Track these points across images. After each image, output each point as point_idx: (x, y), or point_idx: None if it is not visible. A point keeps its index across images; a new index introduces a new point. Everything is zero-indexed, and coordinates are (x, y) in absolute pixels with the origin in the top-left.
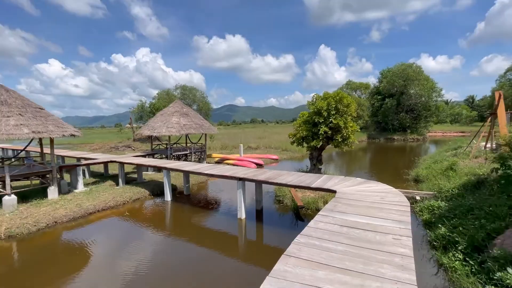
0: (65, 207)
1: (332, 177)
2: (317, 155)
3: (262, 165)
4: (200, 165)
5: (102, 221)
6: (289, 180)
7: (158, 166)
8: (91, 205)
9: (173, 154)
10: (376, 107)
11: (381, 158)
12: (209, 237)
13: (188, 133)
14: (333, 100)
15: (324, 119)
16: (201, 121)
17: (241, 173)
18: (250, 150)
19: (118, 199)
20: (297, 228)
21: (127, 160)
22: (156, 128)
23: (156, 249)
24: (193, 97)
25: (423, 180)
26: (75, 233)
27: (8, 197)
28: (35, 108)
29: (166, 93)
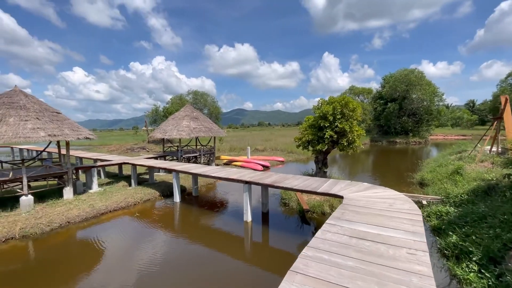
0: (79, 207)
1: (338, 181)
2: (323, 158)
3: (268, 166)
4: (208, 167)
5: (113, 221)
6: (295, 184)
7: (167, 168)
8: (103, 206)
9: (183, 156)
10: (378, 112)
11: (384, 161)
12: (215, 239)
13: (198, 136)
14: (338, 104)
15: (329, 123)
16: (210, 124)
17: (248, 176)
18: (257, 152)
19: (129, 200)
20: (302, 231)
21: (139, 162)
22: (168, 131)
23: (163, 250)
24: (204, 102)
25: (428, 183)
26: (86, 233)
27: (25, 197)
28: (52, 112)
29: (179, 98)
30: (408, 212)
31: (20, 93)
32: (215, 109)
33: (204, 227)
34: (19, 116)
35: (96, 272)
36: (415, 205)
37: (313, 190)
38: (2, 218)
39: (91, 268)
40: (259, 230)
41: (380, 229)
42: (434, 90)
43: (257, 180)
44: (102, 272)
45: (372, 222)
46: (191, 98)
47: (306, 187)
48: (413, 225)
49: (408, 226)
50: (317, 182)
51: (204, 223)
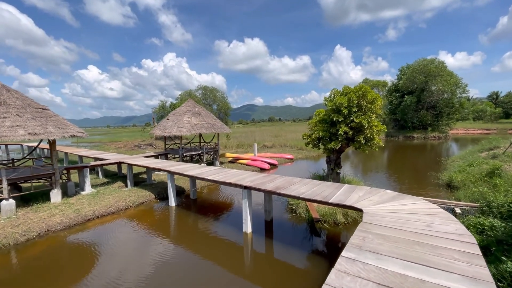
0: (63, 213)
1: (355, 187)
2: (335, 158)
3: (276, 165)
4: (206, 168)
5: (98, 230)
6: (302, 191)
7: (162, 168)
8: (90, 211)
9: (184, 154)
10: (394, 105)
11: (402, 158)
12: (209, 254)
13: (199, 133)
14: (354, 95)
15: (344, 117)
16: (213, 120)
17: (247, 180)
18: (265, 149)
19: (120, 204)
20: (311, 244)
21: (135, 162)
22: (167, 128)
23: (147, 265)
24: (213, 97)
25: (458, 186)
26: (65, 244)
27: (5, 202)
28: (36, 108)
29: (188, 94)
30: (457, 239)
31: (2, 88)
32: (225, 104)
33: (198, 238)
34: None
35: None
36: (462, 225)
37: (324, 199)
38: None
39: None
40: (261, 242)
41: (423, 271)
42: (456, 81)
43: (257, 184)
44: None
45: (408, 256)
46: (200, 94)
47: (316, 195)
48: (470, 263)
49: (463, 266)
50: (329, 189)
51: (199, 233)
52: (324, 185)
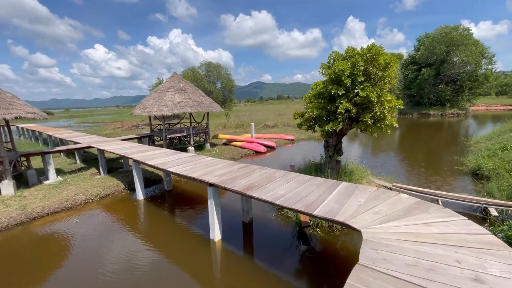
0: (5, 210)
1: (356, 188)
2: (335, 143)
3: (273, 147)
4: (176, 155)
5: (41, 232)
6: (281, 192)
7: (125, 155)
8: (39, 207)
9: (169, 136)
10: (410, 79)
11: (416, 138)
12: (164, 268)
13: (183, 112)
14: (361, 60)
15: (345, 90)
16: (200, 97)
17: (217, 174)
18: (267, 129)
19: (80, 197)
20: (298, 255)
21: (104, 146)
22: (147, 107)
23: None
24: (217, 74)
25: (489, 175)
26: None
27: None
28: None
29: (191, 70)
30: None
31: None
32: (229, 82)
33: (155, 245)
34: None
35: None
36: None
37: (307, 209)
38: None
39: None
40: (233, 252)
41: None
42: (482, 51)
43: (226, 181)
44: None
45: None
46: (203, 70)
47: (298, 200)
48: None
49: None
50: (319, 189)
51: (158, 238)
52: (314, 182)
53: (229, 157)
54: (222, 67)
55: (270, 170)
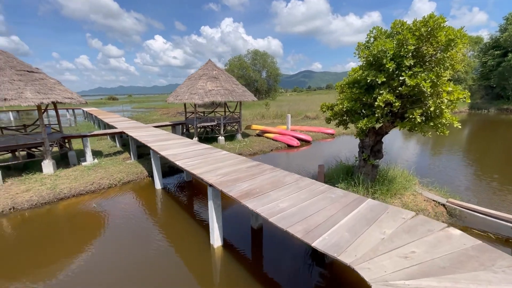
0: (37, 189)
1: (384, 210)
2: (372, 143)
3: (309, 141)
4: (191, 146)
5: (63, 213)
6: (283, 205)
7: (145, 143)
8: (67, 188)
9: (199, 125)
10: (489, 67)
11: (490, 139)
12: (158, 274)
13: (213, 100)
14: (412, 36)
15: (387, 77)
16: (232, 86)
17: (221, 172)
18: (307, 120)
19: (104, 181)
20: (310, 278)
21: (134, 133)
22: (179, 94)
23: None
24: (263, 62)
25: None
26: (18, 226)
27: None
28: (19, 71)
29: (238, 59)
30: None
31: None
32: (274, 70)
33: (150, 242)
34: None
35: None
36: None
37: (305, 237)
38: None
39: None
40: (235, 261)
41: None
42: None
43: (226, 182)
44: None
45: None
46: (249, 58)
47: (300, 220)
48: None
49: None
50: (333, 206)
51: (156, 235)
52: (330, 195)
53: (258, 149)
54: (268, 55)
55: (282, 173)
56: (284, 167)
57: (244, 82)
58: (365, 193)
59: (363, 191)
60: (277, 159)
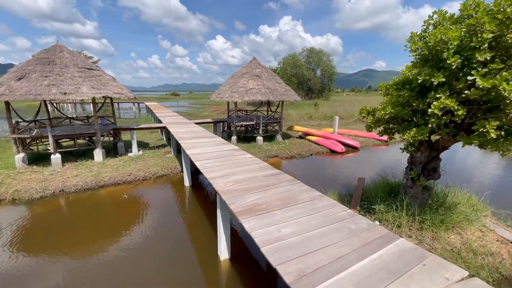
0: (85, 175)
1: (419, 259)
2: (425, 159)
3: (356, 147)
4: (217, 147)
5: (99, 200)
6: (285, 231)
7: (178, 140)
8: (107, 177)
9: (237, 124)
10: None
11: None
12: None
13: (253, 99)
14: (490, 19)
15: (449, 76)
16: (275, 84)
17: (232, 180)
18: (359, 123)
19: (139, 174)
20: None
21: (172, 128)
22: (221, 92)
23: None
24: (318, 60)
25: None
26: (63, 206)
27: (53, 156)
28: (81, 68)
29: (292, 57)
30: None
31: (56, 47)
32: (329, 69)
33: (165, 247)
34: (43, 72)
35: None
36: None
37: (296, 286)
38: (20, 175)
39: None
40: (241, 278)
41: None
42: None
43: (233, 191)
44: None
45: None
46: (304, 56)
47: (302, 253)
48: None
49: None
50: (348, 242)
51: (171, 239)
52: (350, 225)
53: (296, 153)
54: (324, 53)
55: (300, 187)
56: (318, 176)
57: (297, 81)
58: (409, 221)
59: (406, 219)
60: (313, 166)
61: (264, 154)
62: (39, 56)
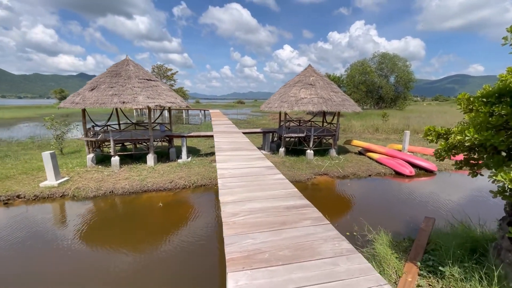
0: (133, 179)
1: None
2: None
3: (432, 170)
4: (252, 162)
5: (139, 204)
6: None
7: (216, 150)
8: (151, 182)
9: (285, 135)
10: None
11: None
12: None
13: (303, 110)
14: None
15: None
16: (330, 94)
17: (245, 208)
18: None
19: (180, 182)
20: None
21: (218, 138)
22: (271, 102)
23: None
24: (392, 66)
25: None
26: (105, 207)
27: (113, 158)
28: (141, 79)
29: (361, 63)
30: None
31: (124, 61)
32: (406, 75)
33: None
34: (110, 83)
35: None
36: None
37: None
38: (86, 173)
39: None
40: None
41: None
42: None
43: (240, 225)
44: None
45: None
46: (375, 62)
47: None
48: None
49: None
50: None
51: (178, 266)
52: None
53: (350, 172)
54: (399, 58)
55: (326, 232)
56: (370, 205)
57: (365, 88)
58: None
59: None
60: (367, 190)
61: (311, 170)
62: (110, 69)
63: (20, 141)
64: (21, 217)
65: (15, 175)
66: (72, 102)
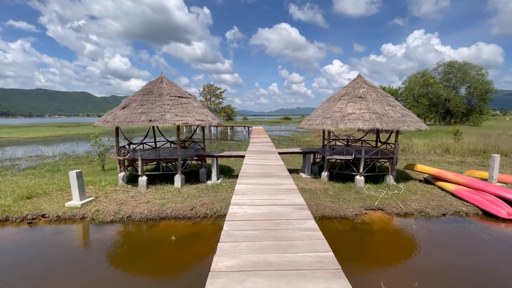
0: (153, 203)
1: None
2: None
3: None
4: (278, 196)
5: (152, 235)
6: None
7: (240, 175)
8: (170, 208)
9: (329, 157)
10: None
11: None
12: None
13: (351, 127)
14: None
15: None
16: (386, 108)
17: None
18: None
19: (201, 210)
20: None
21: (248, 160)
22: (311, 119)
23: None
24: (463, 75)
25: None
26: (117, 236)
27: (140, 178)
28: (172, 97)
29: (422, 74)
30: None
31: (158, 79)
32: (481, 85)
33: None
34: (141, 101)
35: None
36: None
37: None
38: (113, 193)
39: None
40: None
41: None
42: None
43: None
44: None
45: None
46: (440, 72)
47: None
48: None
49: None
50: None
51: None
52: None
53: (415, 209)
54: (472, 66)
55: None
56: (452, 266)
57: (428, 102)
58: None
59: None
60: (442, 240)
61: (361, 202)
62: (144, 87)
63: (77, 156)
64: (30, 239)
65: (52, 191)
66: (104, 121)
